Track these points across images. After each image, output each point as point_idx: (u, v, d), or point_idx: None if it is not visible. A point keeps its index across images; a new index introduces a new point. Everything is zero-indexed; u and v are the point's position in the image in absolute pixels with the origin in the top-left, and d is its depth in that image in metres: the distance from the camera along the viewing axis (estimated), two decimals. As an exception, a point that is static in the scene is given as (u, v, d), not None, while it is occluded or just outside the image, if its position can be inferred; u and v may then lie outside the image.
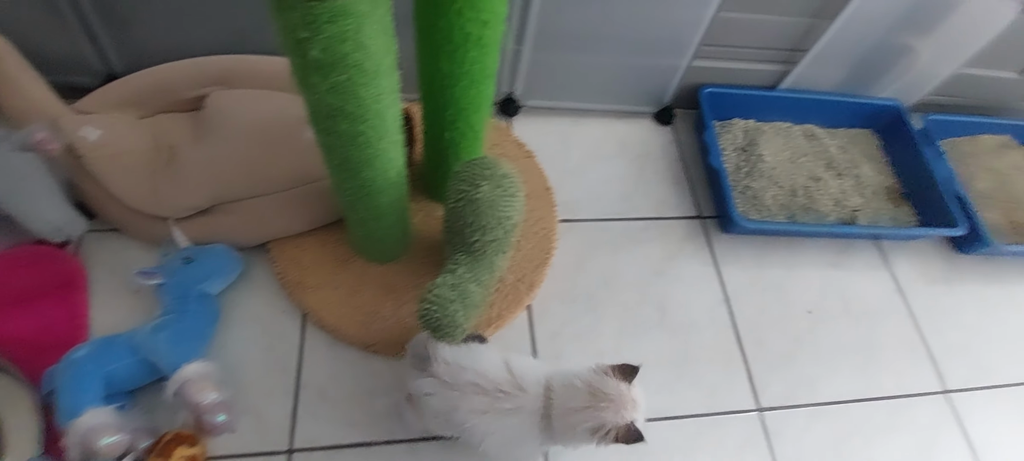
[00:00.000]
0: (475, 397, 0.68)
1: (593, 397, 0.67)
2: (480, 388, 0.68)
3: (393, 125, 0.62)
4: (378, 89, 0.53)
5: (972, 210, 1.24)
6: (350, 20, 0.44)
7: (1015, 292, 1.28)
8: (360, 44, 0.47)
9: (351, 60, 0.48)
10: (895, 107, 1.36)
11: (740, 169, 1.30)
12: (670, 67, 1.22)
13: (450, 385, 0.69)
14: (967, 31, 1.16)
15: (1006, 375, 1.18)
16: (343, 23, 0.44)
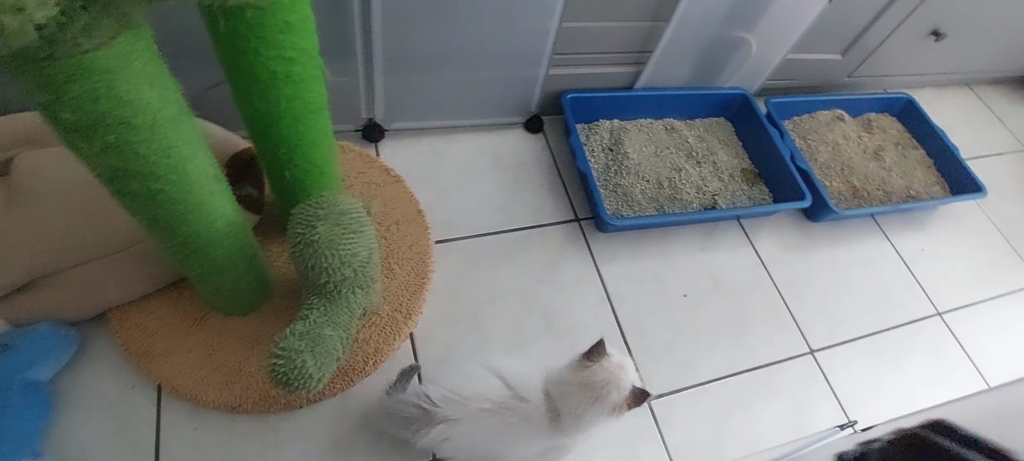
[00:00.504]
0: (487, 420, 0.71)
1: (592, 390, 0.71)
2: (487, 411, 0.72)
3: (202, 176, 0.57)
4: (164, 143, 0.48)
5: (816, 182, 1.34)
6: (96, 77, 0.39)
7: (858, 250, 1.41)
8: (120, 100, 0.42)
9: (114, 118, 0.43)
10: (742, 94, 1.45)
11: (609, 168, 1.33)
12: (529, 77, 1.23)
13: (460, 420, 0.71)
14: (786, 21, 1.26)
15: (859, 327, 1.28)
16: (88, 82, 0.39)
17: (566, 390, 0.73)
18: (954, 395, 1.23)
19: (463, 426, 0.71)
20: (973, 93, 1.94)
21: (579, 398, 0.71)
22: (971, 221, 1.56)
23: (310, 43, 0.61)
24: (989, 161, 1.74)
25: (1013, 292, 1.45)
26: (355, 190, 1.16)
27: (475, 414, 0.72)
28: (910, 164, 1.53)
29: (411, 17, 1.00)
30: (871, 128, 1.58)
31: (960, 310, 1.38)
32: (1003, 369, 1.30)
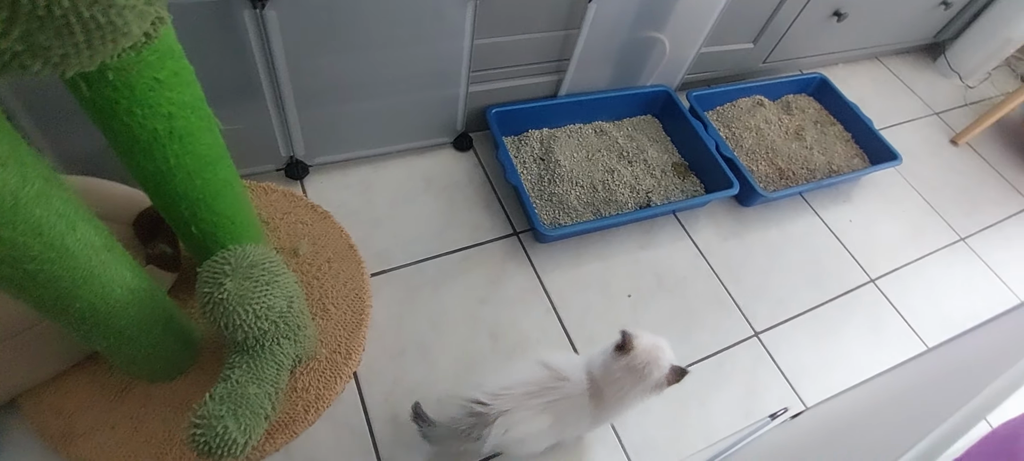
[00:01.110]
0: (532, 401, 0.77)
1: (636, 373, 0.77)
2: (532, 393, 0.78)
3: (86, 247, 0.53)
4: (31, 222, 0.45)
5: (742, 168, 1.38)
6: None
7: (790, 229, 1.45)
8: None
9: (-40, 207, 0.40)
10: (664, 91, 1.48)
11: (543, 178, 1.34)
12: (450, 97, 1.23)
13: (510, 409, 0.76)
14: (693, 18, 1.30)
15: (798, 304, 1.32)
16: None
17: (612, 376, 0.79)
18: (893, 357, 1.29)
19: (517, 414, 0.77)
20: (882, 65, 2.05)
21: (624, 381, 0.78)
22: (892, 187, 1.64)
23: (189, 96, 0.58)
24: (903, 128, 1.84)
25: (937, 250, 1.53)
26: (281, 232, 1.13)
27: (524, 399, 0.77)
28: (830, 140, 1.60)
29: (316, 52, 0.98)
30: (790, 110, 1.64)
31: (891, 274, 1.44)
32: (934, 325, 1.36)
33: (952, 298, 1.43)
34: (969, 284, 1.48)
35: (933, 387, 0.84)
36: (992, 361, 0.74)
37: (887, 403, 0.81)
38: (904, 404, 0.86)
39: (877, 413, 0.76)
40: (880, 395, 0.89)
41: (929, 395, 0.79)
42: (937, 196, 1.66)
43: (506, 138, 1.38)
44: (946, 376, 0.91)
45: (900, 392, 0.90)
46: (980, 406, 0.47)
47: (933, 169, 1.74)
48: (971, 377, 0.70)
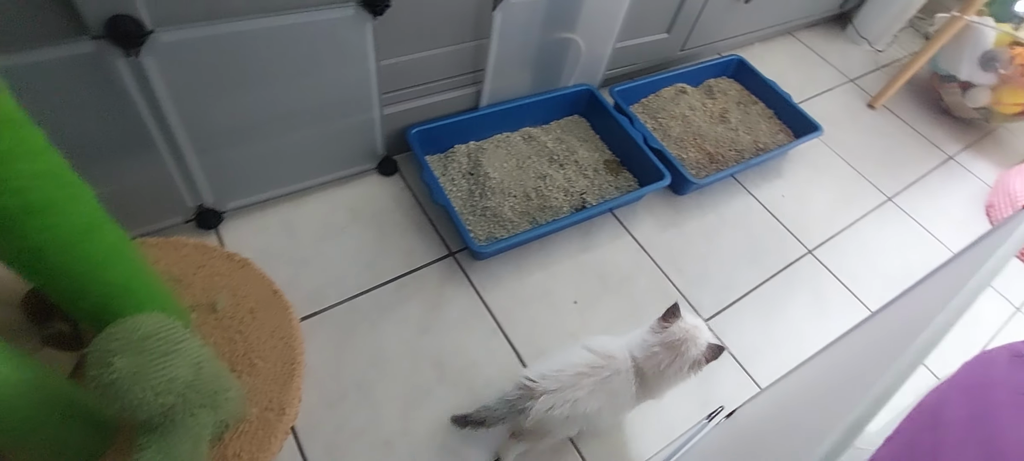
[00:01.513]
0: (583, 380, 0.84)
1: (673, 349, 0.84)
2: (582, 373, 0.84)
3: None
4: None
5: (671, 158, 1.40)
6: None
7: (726, 212, 1.48)
8: None
9: None
10: (587, 90, 1.49)
11: (473, 193, 1.32)
12: (365, 122, 1.19)
13: (559, 389, 0.83)
14: (602, 16, 1.32)
15: (742, 285, 1.35)
16: None
17: (650, 351, 0.85)
18: (838, 325, 1.32)
19: (562, 393, 0.83)
20: (796, 39, 2.13)
21: (662, 356, 0.84)
22: (819, 157, 1.70)
23: (42, 164, 0.53)
24: (822, 98, 1.92)
25: (867, 213, 1.59)
26: (195, 288, 1.06)
27: (571, 379, 0.84)
28: (753, 119, 1.64)
29: (209, 93, 0.93)
30: (713, 93, 1.68)
31: (827, 243, 1.49)
32: (874, 287, 1.41)
33: (887, 258, 1.49)
34: (901, 241, 1.55)
35: (877, 349, 0.86)
36: (931, 314, 0.78)
37: (829, 377, 0.82)
38: (847, 374, 0.88)
39: (817, 389, 0.77)
40: (824, 368, 0.91)
41: (872, 359, 0.81)
42: (862, 160, 1.73)
43: (431, 157, 1.36)
44: (889, 337, 0.94)
45: (843, 361, 0.92)
46: (916, 353, 0.47)
47: (855, 134, 1.81)
48: (911, 334, 0.73)
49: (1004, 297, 1.49)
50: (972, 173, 1.82)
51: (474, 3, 1.14)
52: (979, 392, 0.63)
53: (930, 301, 1.05)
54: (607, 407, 0.86)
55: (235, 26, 0.86)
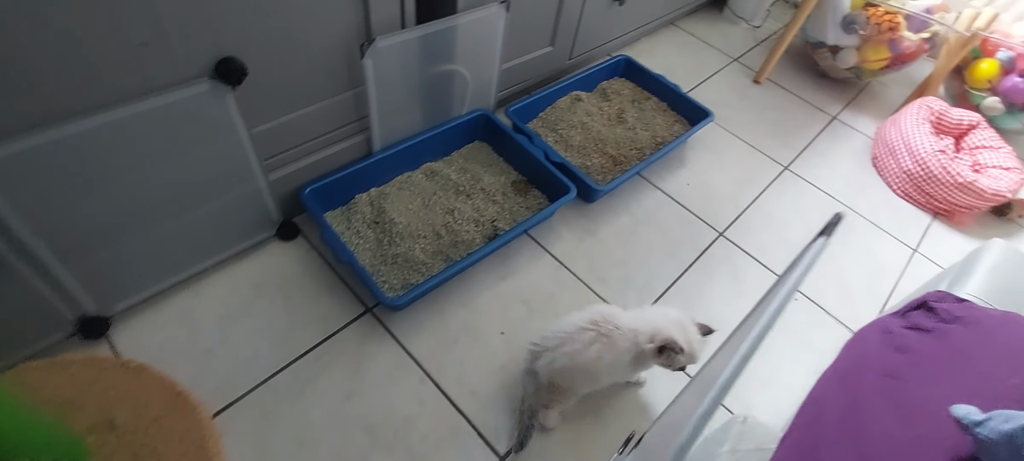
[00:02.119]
0: (583, 334, 0.98)
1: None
2: (582, 328, 0.98)
3: None
4: None
5: (574, 169, 1.44)
6: None
7: (637, 210, 1.53)
8: None
9: None
10: (482, 114, 1.51)
11: (382, 242, 1.30)
12: (252, 192, 1.15)
13: (559, 344, 0.99)
14: (479, 42, 1.34)
15: (663, 280, 1.40)
16: None
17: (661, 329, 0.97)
18: (757, 300, 1.39)
19: (562, 347, 0.98)
20: (679, 28, 2.25)
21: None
22: (716, 140, 1.79)
23: None
24: (711, 81, 2.02)
25: (768, 186, 1.69)
26: (89, 407, 0.99)
27: (571, 334, 0.98)
28: (649, 115, 1.71)
29: (62, 200, 0.87)
30: (607, 96, 1.74)
31: (735, 222, 1.57)
32: (783, 256, 1.50)
33: (791, 225, 1.59)
34: (802, 206, 1.65)
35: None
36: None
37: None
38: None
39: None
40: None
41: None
42: (755, 135, 1.84)
43: (332, 212, 1.33)
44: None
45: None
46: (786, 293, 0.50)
47: (746, 111, 1.92)
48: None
49: (902, 242, 1.62)
50: (855, 129, 1.97)
51: (341, 55, 1.13)
52: (853, 379, 0.67)
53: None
54: (607, 357, 0.97)
55: (73, 128, 0.82)
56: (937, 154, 1.62)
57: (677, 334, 0.96)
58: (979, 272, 0.98)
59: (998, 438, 0.48)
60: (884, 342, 0.68)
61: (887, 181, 1.76)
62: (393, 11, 1.12)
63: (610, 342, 0.98)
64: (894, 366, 0.63)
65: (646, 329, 0.98)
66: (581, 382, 1.02)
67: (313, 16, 1.03)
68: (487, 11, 1.28)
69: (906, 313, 0.74)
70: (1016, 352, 0.61)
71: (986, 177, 1.65)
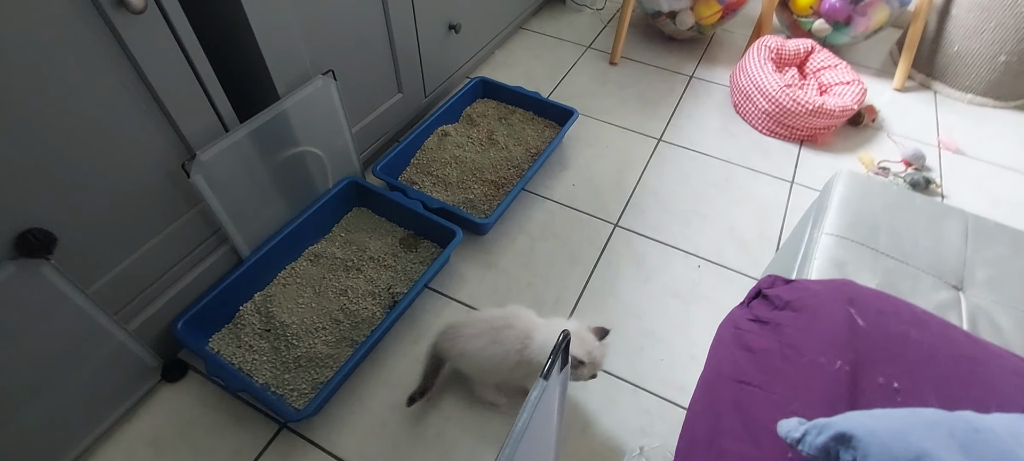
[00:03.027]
0: (484, 325, 1.09)
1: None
2: (485, 320, 1.10)
3: None
4: None
5: (454, 209, 1.45)
6: None
7: (531, 227, 1.56)
8: None
9: None
10: (351, 181, 1.48)
11: (279, 349, 1.25)
12: (114, 349, 1.08)
13: (467, 326, 1.10)
14: (317, 117, 1.31)
15: (572, 292, 1.43)
16: None
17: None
18: (662, 281, 1.46)
19: (465, 329, 1.10)
20: (528, 31, 2.31)
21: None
22: (589, 133, 1.86)
23: None
24: (572, 75, 2.09)
25: (647, 163, 1.77)
26: None
27: (478, 322, 1.10)
28: (518, 129, 1.75)
29: None
30: (474, 121, 1.76)
31: (626, 209, 1.63)
32: (678, 228, 1.58)
33: (678, 195, 1.67)
34: (684, 173, 1.74)
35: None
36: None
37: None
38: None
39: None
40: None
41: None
42: (624, 116, 1.92)
43: (218, 334, 1.27)
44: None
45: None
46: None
47: (610, 96, 2.01)
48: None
49: (779, 178, 1.75)
50: (712, 82, 2.10)
51: (166, 180, 1.07)
52: (713, 389, 0.69)
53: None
54: (490, 351, 1.06)
55: None
56: (784, 89, 1.76)
57: (577, 348, 0.99)
58: (833, 208, 1.07)
59: (816, 452, 0.51)
60: (734, 341, 0.72)
61: (752, 124, 1.90)
62: (207, 120, 1.08)
63: (498, 339, 1.06)
64: (742, 370, 0.66)
65: (541, 338, 1.04)
66: (470, 368, 1.14)
67: (120, 154, 0.97)
68: (314, 86, 1.26)
69: (749, 302, 0.79)
70: (839, 332, 0.66)
71: (833, 97, 1.81)
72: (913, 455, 0.44)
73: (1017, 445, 0.49)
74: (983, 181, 1.76)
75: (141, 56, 0.90)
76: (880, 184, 1.14)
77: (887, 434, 0.46)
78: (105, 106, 0.91)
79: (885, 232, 1.07)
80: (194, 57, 0.98)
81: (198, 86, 1.02)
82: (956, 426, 0.48)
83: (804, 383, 0.61)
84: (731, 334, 0.72)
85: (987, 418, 0.51)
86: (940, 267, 1.04)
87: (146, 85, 0.94)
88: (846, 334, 0.65)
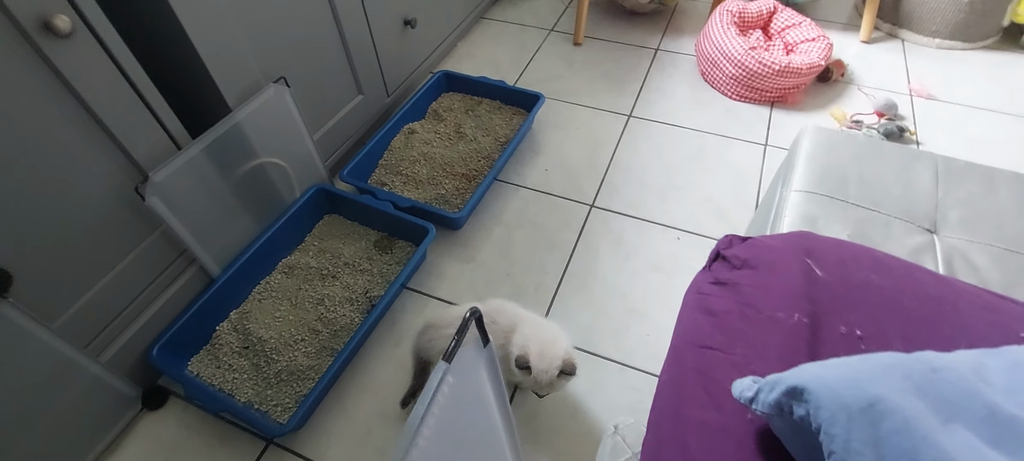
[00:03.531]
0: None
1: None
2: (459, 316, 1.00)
3: None
4: None
5: (425, 206, 1.44)
6: None
7: (506, 217, 1.55)
8: None
9: None
10: (318, 188, 1.47)
11: (259, 366, 1.24)
12: (89, 382, 1.06)
13: (449, 324, 1.09)
14: (278, 125, 1.30)
15: (552, 277, 1.42)
16: None
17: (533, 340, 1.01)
18: (644, 257, 1.45)
19: (446, 329, 1.09)
20: (490, 20, 2.29)
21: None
22: (558, 116, 1.85)
23: None
24: (536, 59, 2.08)
25: (619, 140, 1.76)
26: None
27: (450, 322, 1.09)
28: (485, 119, 1.74)
29: None
30: (440, 116, 1.75)
31: (602, 188, 1.62)
32: (649, 202, 1.57)
33: (651, 169, 1.67)
34: (656, 147, 1.74)
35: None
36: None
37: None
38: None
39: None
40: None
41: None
42: (593, 96, 1.91)
43: (197, 356, 1.26)
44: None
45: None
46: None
47: (576, 76, 2.00)
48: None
49: (752, 142, 1.74)
50: (678, 53, 2.10)
51: (121, 206, 1.06)
52: (680, 356, 0.68)
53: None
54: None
55: None
56: (750, 52, 1.75)
57: (535, 358, 0.97)
58: (800, 164, 1.07)
59: (769, 410, 0.50)
60: (697, 306, 0.71)
61: (721, 90, 1.89)
62: (156, 139, 1.06)
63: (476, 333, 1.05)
64: (704, 334, 0.66)
65: (524, 337, 1.02)
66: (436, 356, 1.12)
67: (68, 183, 0.96)
68: (266, 95, 1.24)
69: (710, 265, 0.78)
70: (796, 285, 0.65)
71: (799, 55, 1.81)
72: (866, 402, 0.44)
73: (978, 381, 0.49)
74: (958, 124, 1.76)
75: (76, 80, 0.88)
76: (847, 136, 1.14)
77: (839, 383, 0.45)
78: (45, 135, 0.89)
79: (854, 183, 1.06)
80: (133, 75, 0.96)
81: (141, 105, 1.00)
82: (912, 368, 0.47)
83: (762, 340, 0.61)
84: (694, 300, 0.72)
85: (947, 357, 0.51)
86: (912, 212, 1.04)
87: (86, 109, 0.92)
88: (804, 286, 0.65)
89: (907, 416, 0.43)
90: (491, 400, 0.74)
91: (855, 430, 0.43)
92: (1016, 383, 0.48)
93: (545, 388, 1.01)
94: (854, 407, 0.44)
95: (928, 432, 0.42)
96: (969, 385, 0.47)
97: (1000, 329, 0.63)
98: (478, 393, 0.69)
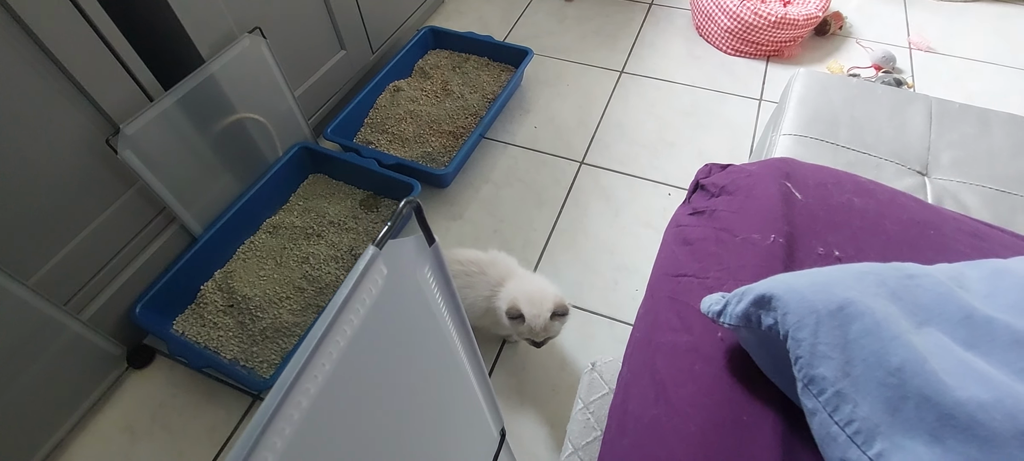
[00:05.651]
0: (458, 267, 1.08)
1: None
2: (458, 262, 1.09)
3: None
4: None
5: (411, 163, 1.44)
6: None
7: (495, 174, 1.55)
8: None
9: None
10: (302, 146, 1.46)
11: (244, 323, 1.24)
12: (71, 340, 1.07)
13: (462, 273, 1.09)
14: (255, 78, 1.30)
15: (542, 233, 1.42)
16: None
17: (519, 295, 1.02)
18: (633, 212, 1.45)
19: (463, 279, 1.08)
20: (479, -24, 2.26)
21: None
22: (548, 72, 1.84)
23: None
24: (526, 16, 2.06)
25: (610, 97, 1.75)
26: None
27: (450, 266, 1.00)
28: (472, 76, 1.73)
29: None
30: (427, 74, 1.73)
31: (591, 146, 1.62)
32: (641, 159, 1.57)
33: (643, 126, 1.66)
34: (648, 103, 1.73)
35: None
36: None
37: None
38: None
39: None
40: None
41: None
42: (584, 52, 1.90)
43: (181, 315, 1.26)
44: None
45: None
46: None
47: (567, 33, 1.98)
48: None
49: (747, 97, 1.73)
50: (673, 7, 2.08)
51: (93, 159, 1.05)
52: (655, 289, 0.67)
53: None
54: (462, 293, 1.06)
55: None
56: (745, 4, 1.73)
57: (525, 305, 0.98)
58: (791, 106, 1.06)
59: (737, 322, 0.49)
60: (675, 239, 0.71)
61: (716, 45, 1.88)
62: (126, 89, 1.05)
63: (470, 283, 1.08)
64: (679, 263, 0.65)
65: (509, 290, 1.03)
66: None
67: (36, 137, 0.95)
68: (240, 46, 1.23)
69: (689, 198, 0.78)
70: (773, 207, 0.64)
71: (796, 6, 1.79)
72: (836, 305, 0.44)
73: (956, 287, 0.49)
74: (957, 77, 1.76)
75: (37, 26, 0.87)
76: (839, 80, 1.13)
77: (808, 289, 0.45)
78: (9, 86, 0.88)
79: (845, 126, 1.06)
80: (97, 21, 0.95)
81: (108, 53, 0.99)
82: (887, 275, 0.47)
83: (737, 263, 0.61)
84: (672, 233, 0.72)
85: (926, 266, 0.50)
86: (904, 154, 1.04)
87: (50, 58, 0.91)
88: (781, 208, 0.64)
89: (878, 318, 0.43)
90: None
91: (823, 333, 0.43)
92: (995, 288, 0.48)
93: (540, 333, 1.01)
94: (823, 311, 0.44)
95: (899, 332, 0.42)
96: (945, 290, 0.47)
97: (986, 255, 0.63)
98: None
